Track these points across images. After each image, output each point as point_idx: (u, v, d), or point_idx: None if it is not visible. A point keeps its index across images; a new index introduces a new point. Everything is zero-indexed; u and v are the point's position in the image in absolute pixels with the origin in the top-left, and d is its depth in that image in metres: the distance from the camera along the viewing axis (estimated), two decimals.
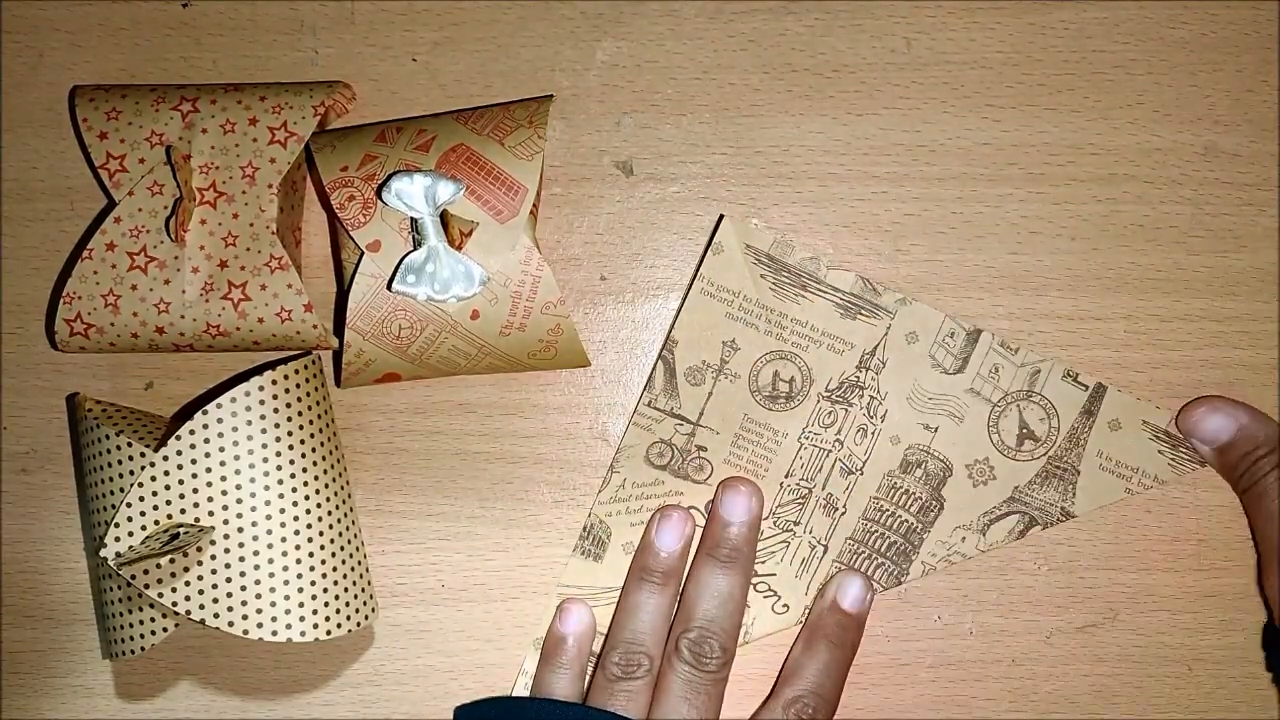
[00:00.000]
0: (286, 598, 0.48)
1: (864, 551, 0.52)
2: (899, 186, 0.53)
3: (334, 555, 0.49)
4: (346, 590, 0.50)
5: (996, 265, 0.53)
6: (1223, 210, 0.53)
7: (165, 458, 0.48)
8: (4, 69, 0.53)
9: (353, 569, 0.50)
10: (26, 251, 0.53)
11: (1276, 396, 0.53)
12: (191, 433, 0.48)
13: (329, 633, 0.49)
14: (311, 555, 0.49)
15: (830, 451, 0.52)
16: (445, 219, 0.47)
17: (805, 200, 0.53)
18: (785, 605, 0.52)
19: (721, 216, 0.52)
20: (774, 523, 0.52)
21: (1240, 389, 0.53)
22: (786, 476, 0.52)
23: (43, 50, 0.53)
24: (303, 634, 0.48)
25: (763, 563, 0.52)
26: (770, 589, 0.52)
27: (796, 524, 0.52)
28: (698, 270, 0.52)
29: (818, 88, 0.53)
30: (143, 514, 0.48)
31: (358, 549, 0.51)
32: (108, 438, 0.49)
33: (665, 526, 0.51)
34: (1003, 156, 0.53)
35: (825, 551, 0.52)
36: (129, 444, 0.48)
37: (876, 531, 0.52)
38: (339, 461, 0.51)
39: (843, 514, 0.52)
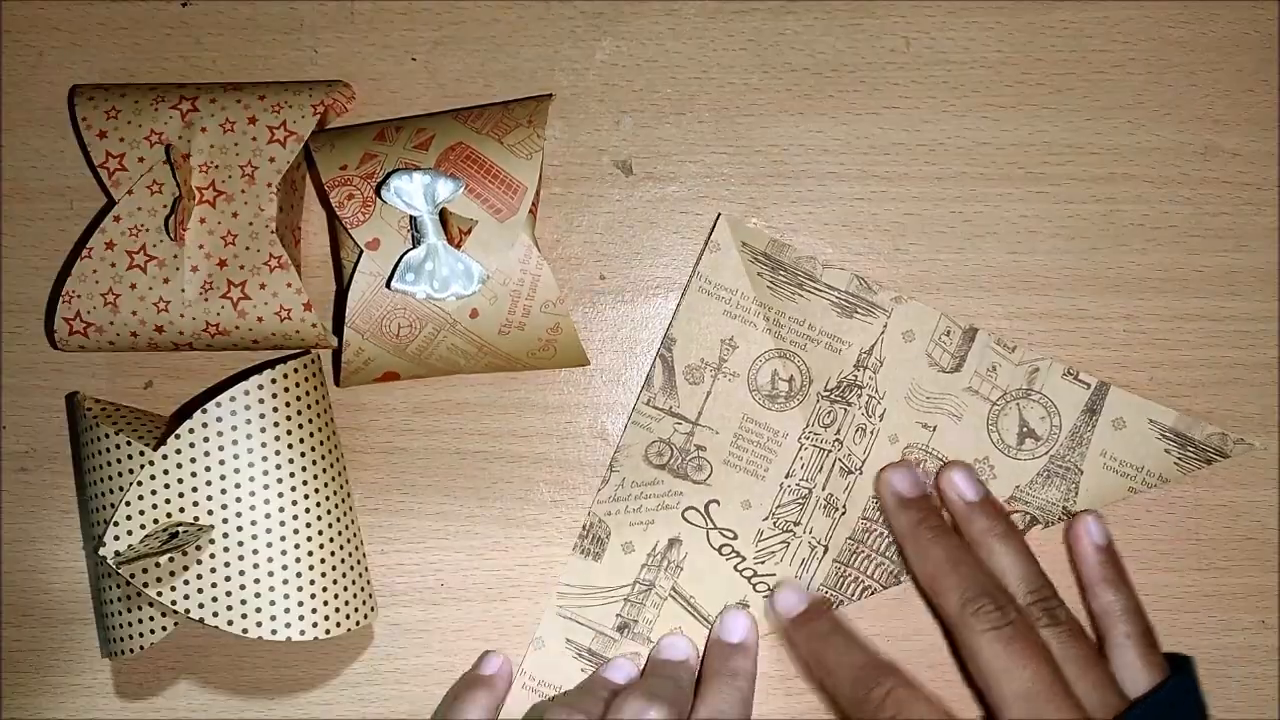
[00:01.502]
0: (286, 597, 0.48)
1: (863, 551, 0.52)
2: (898, 186, 0.53)
3: (333, 554, 0.49)
4: (346, 589, 0.50)
5: (996, 265, 0.53)
6: (1222, 210, 0.53)
7: (164, 456, 0.48)
8: (4, 69, 0.53)
9: (352, 568, 0.50)
10: (26, 251, 0.53)
11: (1276, 396, 0.53)
12: (191, 431, 0.48)
13: (328, 632, 0.49)
14: (311, 554, 0.49)
15: (830, 451, 0.52)
16: (444, 217, 0.47)
17: (805, 199, 0.53)
18: None
19: (719, 215, 0.52)
20: (774, 523, 0.52)
21: (1240, 389, 0.53)
22: (787, 477, 0.52)
23: (43, 50, 0.53)
24: (302, 633, 0.48)
25: (762, 563, 0.52)
26: (770, 589, 0.52)
27: (796, 524, 0.52)
28: (695, 268, 0.52)
29: (817, 87, 0.53)
30: (142, 513, 0.48)
31: (357, 548, 0.51)
32: (107, 437, 0.49)
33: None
34: (1002, 156, 0.53)
35: (825, 551, 0.52)
36: (128, 443, 0.48)
37: (876, 531, 0.52)
38: (339, 461, 0.51)
39: (842, 514, 0.52)
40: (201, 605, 0.48)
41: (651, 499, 0.52)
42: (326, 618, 0.49)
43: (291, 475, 0.49)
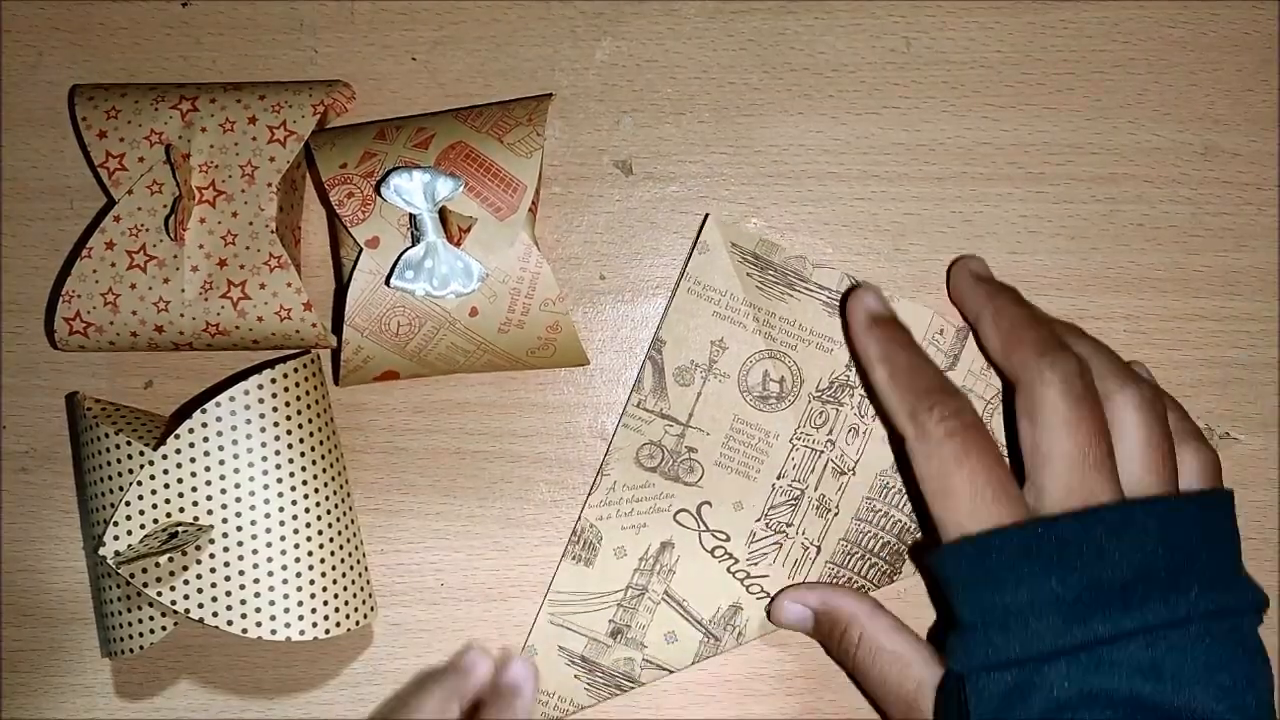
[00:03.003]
0: (285, 596, 0.48)
1: (856, 552, 0.52)
2: (898, 186, 0.53)
3: (333, 554, 0.49)
4: (345, 589, 0.50)
5: (996, 265, 0.53)
6: (1223, 210, 0.53)
7: (164, 456, 0.48)
8: (4, 69, 0.54)
9: (352, 568, 0.50)
10: (26, 251, 0.53)
11: (1277, 396, 0.53)
12: (190, 431, 0.48)
13: (328, 631, 0.49)
14: (310, 554, 0.49)
15: (822, 452, 0.52)
16: (444, 215, 0.47)
17: (805, 199, 0.53)
18: None
19: (706, 215, 0.52)
20: (766, 524, 0.52)
21: (1240, 389, 0.53)
22: (779, 478, 0.52)
23: (43, 50, 0.54)
24: (301, 633, 0.48)
25: (755, 564, 0.52)
26: (764, 590, 0.52)
27: (789, 525, 0.52)
28: (684, 270, 0.52)
29: (817, 87, 0.53)
30: (142, 513, 0.48)
31: (357, 548, 0.51)
32: (107, 436, 0.49)
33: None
34: (1002, 156, 0.53)
35: (818, 553, 0.52)
36: (128, 443, 0.48)
37: (869, 532, 0.52)
38: (338, 460, 0.51)
39: (835, 515, 0.52)
40: (201, 605, 0.48)
41: (643, 502, 0.52)
42: (326, 618, 0.49)
43: (291, 475, 0.49)
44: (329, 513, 0.49)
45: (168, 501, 0.48)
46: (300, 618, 0.48)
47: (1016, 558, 0.43)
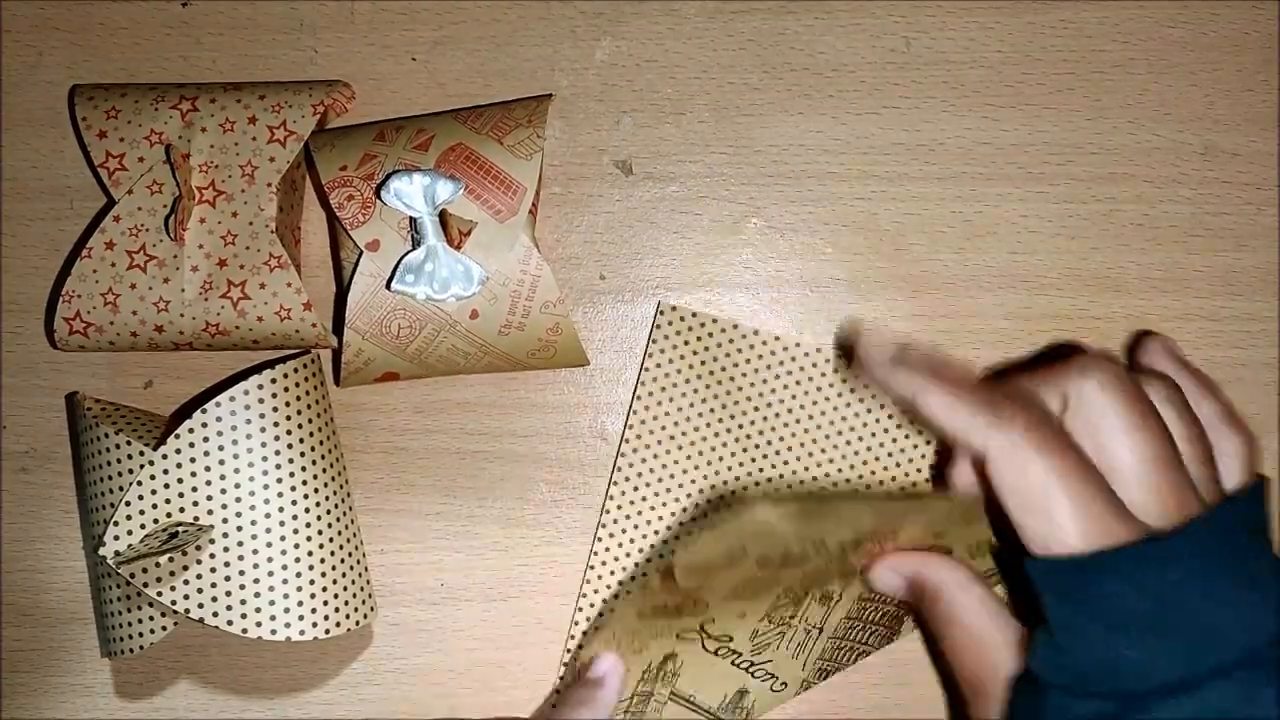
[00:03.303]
0: (285, 596, 0.48)
1: (858, 625, 0.51)
2: (898, 186, 0.53)
3: (333, 554, 0.49)
4: (345, 589, 0.50)
5: (996, 265, 0.53)
6: (1223, 210, 0.53)
7: (164, 456, 0.48)
8: (4, 69, 0.54)
9: (351, 568, 0.50)
10: (26, 251, 0.53)
11: (1277, 396, 0.53)
12: (190, 431, 0.48)
13: (328, 631, 0.49)
14: (310, 554, 0.49)
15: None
16: (444, 218, 0.47)
17: (804, 199, 0.53)
18: (783, 684, 0.51)
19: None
20: (769, 622, 0.50)
21: (1240, 389, 0.53)
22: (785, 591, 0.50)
23: (43, 50, 0.54)
24: (301, 633, 0.48)
25: (759, 654, 0.51)
26: (768, 673, 0.51)
27: (792, 618, 0.50)
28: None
29: (817, 87, 0.53)
30: (142, 513, 0.48)
31: (357, 548, 0.51)
32: (107, 436, 0.49)
33: None
34: (1002, 156, 0.53)
35: (820, 632, 0.51)
36: (128, 443, 0.48)
37: (873, 605, 0.50)
38: (338, 460, 0.51)
39: (838, 600, 0.50)
40: (201, 605, 0.48)
41: (643, 634, 0.49)
42: (326, 617, 0.49)
43: (291, 475, 0.49)
44: (329, 513, 0.49)
45: (168, 501, 0.48)
46: (300, 618, 0.48)
47: (1120, 583, 0.40)
